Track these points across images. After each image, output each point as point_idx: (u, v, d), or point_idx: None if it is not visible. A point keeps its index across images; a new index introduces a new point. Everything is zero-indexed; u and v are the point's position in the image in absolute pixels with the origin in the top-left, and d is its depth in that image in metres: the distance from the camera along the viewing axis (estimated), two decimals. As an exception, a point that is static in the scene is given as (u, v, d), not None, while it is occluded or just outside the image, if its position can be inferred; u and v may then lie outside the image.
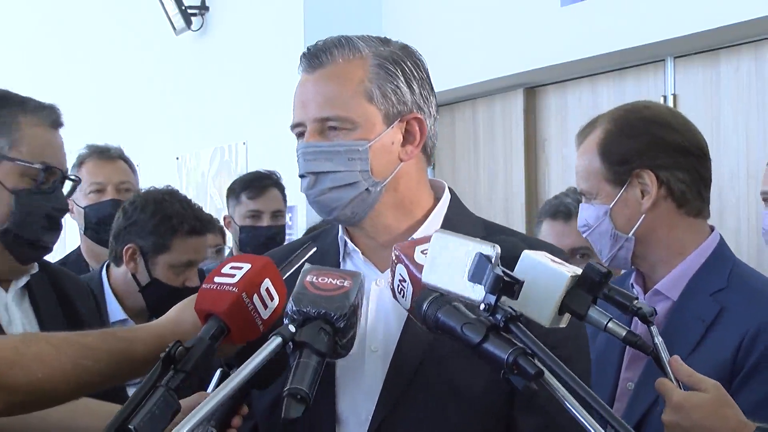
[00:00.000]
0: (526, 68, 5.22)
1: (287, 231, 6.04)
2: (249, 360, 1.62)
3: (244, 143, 6.67)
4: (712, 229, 2.47)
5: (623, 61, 4.90)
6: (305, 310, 1.70)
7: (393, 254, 1.81)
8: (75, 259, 4.09)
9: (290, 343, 1.67)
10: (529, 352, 1.54)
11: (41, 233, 2.37)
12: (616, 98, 4.98)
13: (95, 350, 1.76)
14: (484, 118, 5.80)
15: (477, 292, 1.58)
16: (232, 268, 1.74)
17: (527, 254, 1.66)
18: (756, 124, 4.43)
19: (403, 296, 1.79)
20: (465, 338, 1.59)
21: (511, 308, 1.57)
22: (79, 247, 4.10)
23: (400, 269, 1.78)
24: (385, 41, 2.02)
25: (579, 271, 1.67)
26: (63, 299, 2.51)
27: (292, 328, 1.67)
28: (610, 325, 1.69)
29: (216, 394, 1.57)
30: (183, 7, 6.99)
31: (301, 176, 1.98)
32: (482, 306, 1.58)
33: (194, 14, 7.06)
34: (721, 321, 2.29)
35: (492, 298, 1.56)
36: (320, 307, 1.71)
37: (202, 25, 7.10)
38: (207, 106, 7.13)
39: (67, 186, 2.57)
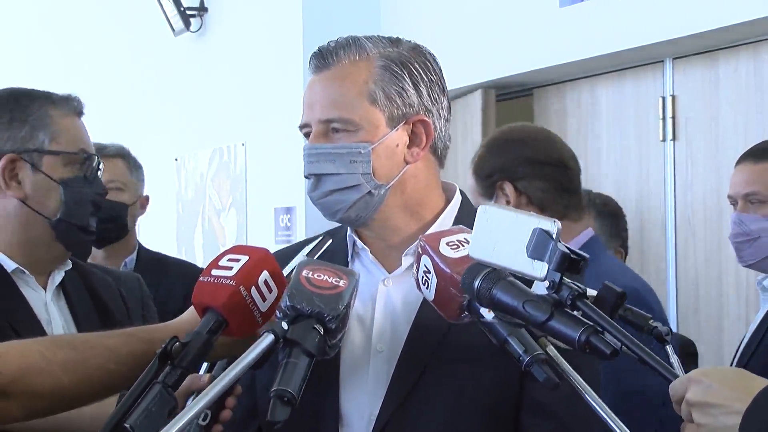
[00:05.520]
0: (525, 69, 5.21)
1: (287, 233, 6.04)
2: (242, 356, 1.60)
3: (243, 144, 6.66)
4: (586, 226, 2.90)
5: (622, 62, 4.89)
6: (299, 307, 1.68)
7: (419, 245, 1.80)
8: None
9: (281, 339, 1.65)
10: (600, 330, 1.51)
11: (89, 219, 2.42)
12: (615, 99, 4.97)
13: (119, 353, 1.76)
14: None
15: (538, 269, 1.54)
16: (229, 260, 1.73)
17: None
18: (755, 125, 4.42)
19: (427, 287, 1.78)
20: (528, 316, 1.56)
21: (576, 285, 1.54)
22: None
23: (425, 260, 1.77)
24: (395, 42, 2.00)
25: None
26: (95, 297, 2.52)
27: (284, 325, 1.65)
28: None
29: (208, 391, 1.55)
30: (182, 9, 6.97)
31: (306, 177, 1.98)
32: (546, 283, 1.54)
33: (193, 15, 7.04)
34: None
35: (557, 275, 1.52)
36: (314, 305, 1.68)
37: (200, 27, 7.09)
38: (206, 107, 7.12)
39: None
